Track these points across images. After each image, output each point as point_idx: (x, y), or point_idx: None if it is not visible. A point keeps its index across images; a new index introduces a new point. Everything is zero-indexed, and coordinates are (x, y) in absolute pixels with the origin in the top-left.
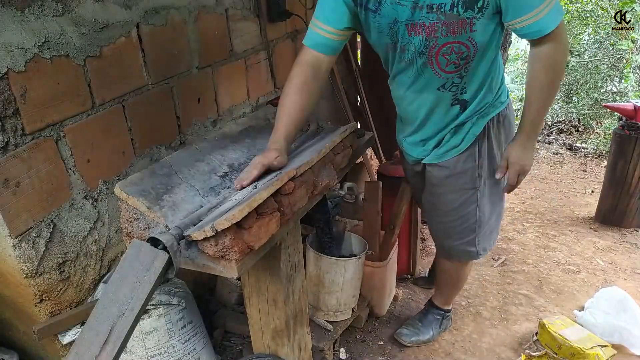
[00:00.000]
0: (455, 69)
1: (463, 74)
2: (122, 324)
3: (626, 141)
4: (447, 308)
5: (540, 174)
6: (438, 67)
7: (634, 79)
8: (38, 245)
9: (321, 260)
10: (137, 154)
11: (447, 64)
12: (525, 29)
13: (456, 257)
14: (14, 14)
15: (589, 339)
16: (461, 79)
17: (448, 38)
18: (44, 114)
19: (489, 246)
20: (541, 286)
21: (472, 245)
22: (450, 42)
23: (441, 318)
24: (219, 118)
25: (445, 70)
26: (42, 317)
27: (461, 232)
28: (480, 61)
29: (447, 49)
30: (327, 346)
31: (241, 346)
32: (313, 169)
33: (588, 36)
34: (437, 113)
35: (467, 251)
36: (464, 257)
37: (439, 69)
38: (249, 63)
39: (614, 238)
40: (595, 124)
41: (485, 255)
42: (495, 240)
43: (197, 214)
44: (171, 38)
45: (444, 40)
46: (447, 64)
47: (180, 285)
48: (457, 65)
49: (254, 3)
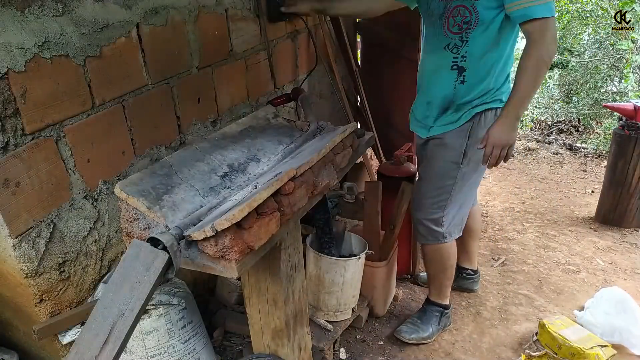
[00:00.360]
0: (459, 30)
1: (464, 38)
2: (122, 324)
3: (626, 141)
4: (445, 303)
5: (540, 174)
6: (447, 27)
7: (634, 79)
8: (38, 245)
9: (321, 260)
10: (137, 154)
11: (454, 24)
12: (515, 12)
13: (422, 235)
14: (14, 14)
15: (589, 338)
16: (462, 42)
17: (459, 1)
18: (44, 114)
19: (454, 233)
20: (541, 286)
21: (438, 224)
22: (459, 5)
23: (440, 315)
24: (219, 118)
25: (451, 30)
26: (42, 317)
27: (432, 205)
28: (482, 35)
29: (456, 11)
30: (327, 346)
31: (241, 346)
32: (313, 169)
33: (588, 36)
34: (440, 74)
35: (432, 230)
36: (430, 238)
37: (447, 29)
38: (249, 63)
39: (614, 238)
40: (595, 124)
41: (450, 241)
42: (460, 231)
43: (197, 214)
44: (171, 38)
45: (456, 3)
46: (453, 24)
47: (180, 285)
48: (460, 27)
49: (254, 3)
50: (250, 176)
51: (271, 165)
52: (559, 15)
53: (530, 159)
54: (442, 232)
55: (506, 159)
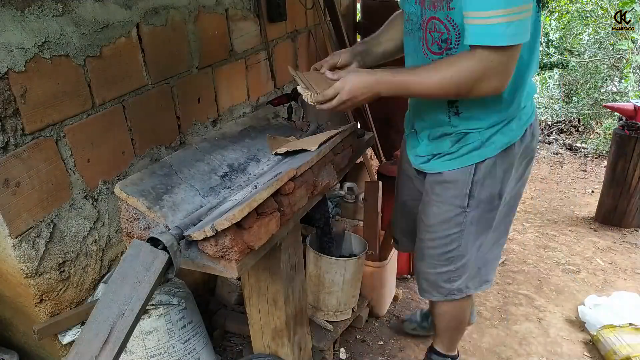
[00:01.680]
0: (439, 50)
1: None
2: (122, 324)
3: (626, 141)
4: (453, 354)
5: (540, 174)
6: (426, 45)
7: (634, 79)
8: (38, 245)
9: (321, 260)
10: (137, 154)
11: (432, 42)
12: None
13: (427, 291)
14: (14, 14)
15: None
16: None
17: (431, 12)
18: (44, 114)
19: (473, 288)
20: (541, 286)
21: (448, 280)
22: (432, 17)
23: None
24: (219, 118)
25: (430, 49)
26: (42, 317)
27: (437, 257)
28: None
29: (431, 25)
30: (327, 346)
31: (241, 346)
32: (313, 169)
33: (588, 36)
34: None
35: (438, 285)
36: (435, 293)
37: (426, 47)
38: (249, 63)
39: (614, 238)
40: (595, 124)
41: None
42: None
43: (197, 214)
44: (171, 38)
45: (429, 14)
46: (432, 42)
47: (180, 285)
48: (440, 47)
49: (254, 3)
50: (250, 176)
51: (271, 165)
52: (559, 15)
53: None
54: (451, 289)
55: (335, 105)
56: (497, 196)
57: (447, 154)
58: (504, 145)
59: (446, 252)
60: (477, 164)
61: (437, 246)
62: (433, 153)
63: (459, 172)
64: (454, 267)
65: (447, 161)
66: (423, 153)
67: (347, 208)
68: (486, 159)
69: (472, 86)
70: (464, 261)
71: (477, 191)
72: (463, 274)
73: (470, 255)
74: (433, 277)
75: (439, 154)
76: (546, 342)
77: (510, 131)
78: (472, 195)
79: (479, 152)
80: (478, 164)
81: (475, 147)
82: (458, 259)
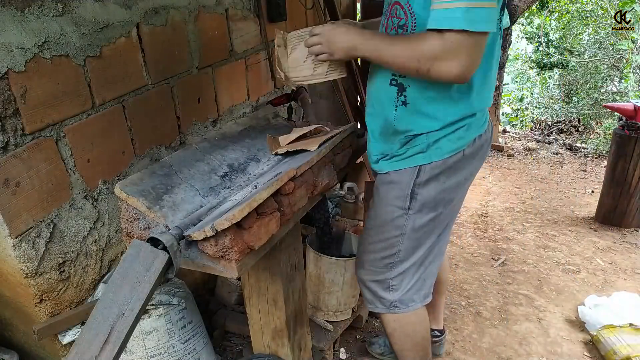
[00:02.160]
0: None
1: None
2: (122, 324)
3: (626, 141)
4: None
5: (540, 174)
6: (385, 30)
7: (634, 79)
8: (38, 245)
9: (321, 260)
10: (137, 154)
11: (391, 27)
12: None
13: (368, 301)
14: (14, 14)
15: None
16: None
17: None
18: (44, 114)
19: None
20: (541, 286)
21: (386, 288)
22: (396, 2)
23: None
24: (219, 118)
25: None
26: (42, 317)
27: (376, 262)
28: None
29: (394, 10)
30: (327, 346)
31: (241, 346)
32: (313, 169)
33: (588, 36)
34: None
35: (378, 296)
36: (378, 305)
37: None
38: (249, 63)
39: (614, 238)
40: (595, 124)
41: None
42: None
43: (197, 214)
44: (171, 38)
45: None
46: (391, 27)
47: (180, 285)
48: (397, 33)
49: (254, 3)
50: (250, 176)
51: (271, 165)
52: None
53: (530, 159)
54: (392, 299)
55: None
56: (442, 202)
57: (396, 155)
58: (451, 152)
59: (385, 257)
60: (421, 166)
61: (377, 250)
62: (384, 153)
63: (403, 172)
64: (394, 274)
65: (394, 162)
66: (375, 152)
67: (347, 208)
68: (431, 162)
69: (432, 63)
70: (404, 268)
71: (420, 193)
72: (402, 283)
73: (412, 263)
74: (373, 286)
75: (387, 155)
76: (546, 342)
77: (458, 139)
78: (414, 196)
79: (424, 155)
80: (422, 166)
81: (421, 150)
82: (398, 265)
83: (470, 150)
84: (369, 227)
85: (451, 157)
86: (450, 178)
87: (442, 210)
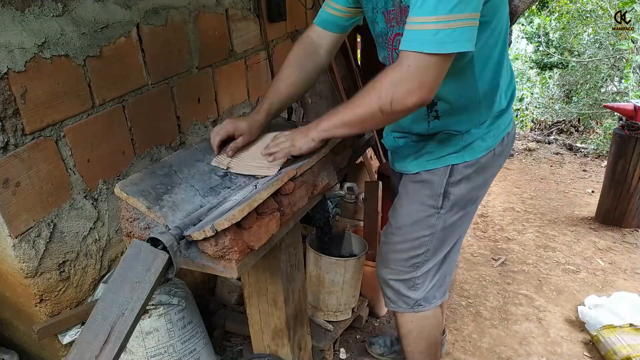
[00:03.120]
0: None
1: None
2: (122, 324)
3: (626, 141)
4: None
5: (540, 174)
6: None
7: (634, 79)
8: (38, 245)
9: (321, 260)
10: (137, 154)
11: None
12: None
13: (390, 300)
14: (14, 14)
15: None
16: None
17: (397, 29)
18: (44, 114)
19: (436, 298)
20: (541, 286)
21: (410, 287)
22: (397, 33)
23: None
24: (219, 118)
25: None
26: (42, 317)
27: (402, 262)
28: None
29: (396, 42)
30: (327, 346)
31: (241, 346)
32: (313, 169)
33: (588, 36)
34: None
35: (402, 295)
36: (400, 304)
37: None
38: (249, 63)
39: (614, 238)
40: (595, 124)
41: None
42: (445, 294)
43: (197, 214)
44: (171, 38)
45: (395, 31)
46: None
47: (180, 285)
48: None
49: (254, 3)
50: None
51: None
52: (559, 15)
53: (530, 159)
54: (417, 298)
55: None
56: (471, 201)
57: (425, 154)
58: (484, 151)
59: (413, 257)
60: (453, 166)
61: (405, 250)
62: (412, 154)
63: (436, 172)
64: (419, 274)
65: (425, 162)
66: (402, 154)
67: (347, 208)
68: (464, 162)
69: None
70: (429, 268)
71: (452, 192)
72: (426, 282)
73: (437, 261)
74: (397, 285)
75: (417, 155)
76: (546, 342)
77: (490, 138)
78: (446, 196)
79: (458, 155)
80: (455, 165)
81: (455, 150)
82: (423, 265)
83: (500, 149)
84: (396, 227)
85: (483, 157)
86: (480, 176)
87: (469, 208)
